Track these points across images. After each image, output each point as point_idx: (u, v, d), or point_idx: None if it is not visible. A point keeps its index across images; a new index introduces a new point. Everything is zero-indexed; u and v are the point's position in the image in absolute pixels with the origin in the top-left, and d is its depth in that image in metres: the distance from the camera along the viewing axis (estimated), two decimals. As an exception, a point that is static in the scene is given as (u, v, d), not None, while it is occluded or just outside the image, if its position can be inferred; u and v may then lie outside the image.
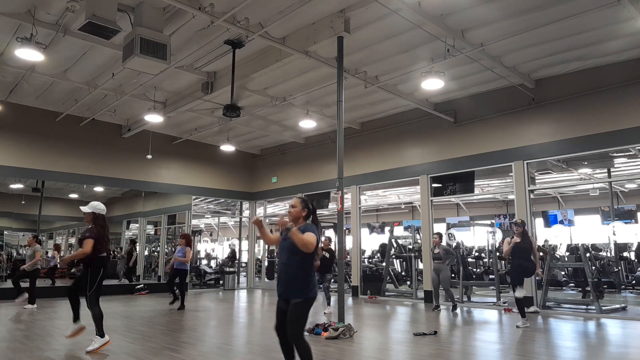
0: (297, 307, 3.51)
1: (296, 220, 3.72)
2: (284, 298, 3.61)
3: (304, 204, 3.76)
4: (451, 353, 5.39)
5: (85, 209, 5.55)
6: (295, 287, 3.54)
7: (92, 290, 5.36)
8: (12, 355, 5.04)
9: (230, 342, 6.13)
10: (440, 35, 7.60)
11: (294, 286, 3.55)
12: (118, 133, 13.23)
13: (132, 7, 7.01)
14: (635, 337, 6.48)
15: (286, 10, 7.06)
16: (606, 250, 13.50)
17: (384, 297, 11.79)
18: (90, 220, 5.55)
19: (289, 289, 3.56)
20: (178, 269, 9.51)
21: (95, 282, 5.38)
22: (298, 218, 3.72)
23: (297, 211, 3.72)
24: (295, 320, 3.51)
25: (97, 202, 5.63)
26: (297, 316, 3.51)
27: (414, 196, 15.16)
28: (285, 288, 3.58)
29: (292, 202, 3.80)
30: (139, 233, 16.18)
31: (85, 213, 5.56)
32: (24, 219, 15.03)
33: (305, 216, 3.74)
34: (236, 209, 17.25)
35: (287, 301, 3.58)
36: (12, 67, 9.11)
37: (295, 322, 3.51)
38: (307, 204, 3.78)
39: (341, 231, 7.36)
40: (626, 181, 15.48)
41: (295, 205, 3.74)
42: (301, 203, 3.75)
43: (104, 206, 5.64)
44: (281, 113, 11.88)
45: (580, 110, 8.95)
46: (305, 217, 3.74)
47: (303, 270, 3.58)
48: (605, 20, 7.12)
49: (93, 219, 5.53)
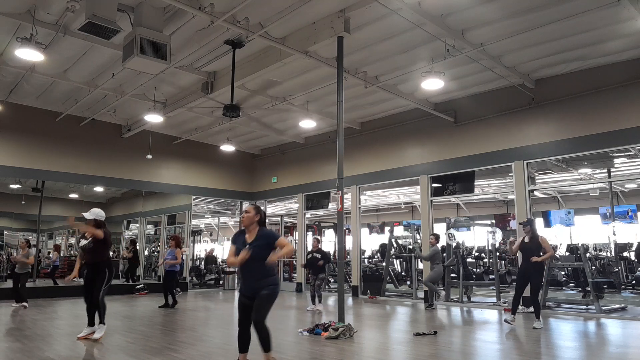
0: (268, 297, 3.91)
1: (250, 224, 4.05)
2: (249, 295, 3.94)
3: (257, 210, 4.10)
4: (451, 353, 5.39)
5: (88, 215, 5.93)
6: (265, 283, 3.93)
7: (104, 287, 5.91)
8: (12, 355, 5.04)
9: (230, 342, 6.13)
10: (440, 35, 7.60)
11: (264, 283, 3.92)
12: (118, 133, 13.23)
13: (132, 7, 7.02)
14: (635, 337, 6.48)
15: (286, 10, 7.07)
16: (606, 250, 13.50)
17: (384, 297, 11.79)
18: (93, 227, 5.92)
19: (260, 285, 3.91)
20: (168, 270, 9.73)
21: (108, 283, 5.97)
22: (252, 222, 4.05)
23: (251, 216, 4.05)
24: (264, 307, 3.89)
25: (99, 210, 6.01)
26: (266, 304, 3.91)
27: (414, 196, 15.14)
28: (255, 289, 3.92)
29: (245, 208, 4.16)
30: (139, 233, 16.19)
31: (87, 220, 5.92)
32: (24, 219, 15.03)
33: (258, 221, 4.08)
34: (236, 209, 17.25)
35: (251, 298, 3.93)
36: (12, 67, 9.11)
37: (263, 308, 3.89)
38: (260, 210, 4.12)
39: (341, 231, 7.36)
40: (626, 181, 15.48)
41: (248, 211, 4.08)
42: (254, 209, 4.10)
43: (103, 213, 6.07)
44: (281, 113, 11.88)
45: (580, 110, 8.95)
46: (258, 222, 4.08)
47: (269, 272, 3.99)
48: (605, 20, 7.12)
49: (96, 225, 5.91)
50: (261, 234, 4.02)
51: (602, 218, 16.00)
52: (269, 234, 4.06)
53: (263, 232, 4.04)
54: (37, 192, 13.80)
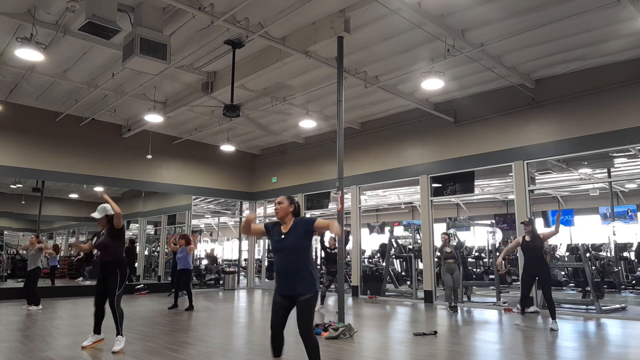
0: (308, 302, 3.54)
1: (284, 215, 3.73)
2: (288, 295, 3.59)
3: (290, 200, 3.79)
4: (451, 353, 5.38)
5: (96, 215, 5.54)
6: (304, 284, 3.55)
7: (120, 290, 5.41)
8: (12, 355, 5.04)
9: (230, 342, 6.13)
10: (440, 35, 7.60)
11: (303, 283, 3.55)
12: (118, 133, 13.23)
13: (132, 7, 7.01)
14: (635, 337, 6.48)
15: (286, 10, 7.06)
16: (606, 250, 13.51)
17: (384, 297, 11.79)
18: (105, 224, 5.56)
19: (299, 286, 3.55)
20: (181, 269, 9.51)
21: (124, 281, 5.46)
22: (287, 213, 3.73)
23: (285, 207, 3.73)
24: (308, 315, 3.54)
25: (106, 205, 5.57)
26: (308, 311, 3.55)
27: (414, 196, 15.16)
28: (293, 286, 3.57)
29: (278, 199, 3.79)
30: (139, 233, 16.19)
31: (99, 218, 5.53)
32: (24, 219, 15.03)
33: (293, 212, 3.76)
34: (236, 209, 17.25)
35: (290, 298, 3.58)
36: (12, 67, 9.11)
37: (308, 317, 3.54)
38: (293, 201, 3.81)
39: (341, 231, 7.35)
40: (626, 181, 15.49)
41: (282, 202, 3.75)
42: (287, 199, 3.77)
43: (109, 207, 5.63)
44: (281, 113, 11.87)
45: (580, 110, 8.95)
46: (293, 213, 3.75)
47: (310, 266, 3.62)
48: (605, 20, 7.12)
49: (107, 220, 5.54)
50: (297, 222, 3.70)
51: (602, 218, 16.01)
52: (305, 219, 3.75)
53: (300, 219, 3.74)
54: (37, 192, 13.80)
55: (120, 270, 5.42)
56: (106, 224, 5.56)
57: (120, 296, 5.42)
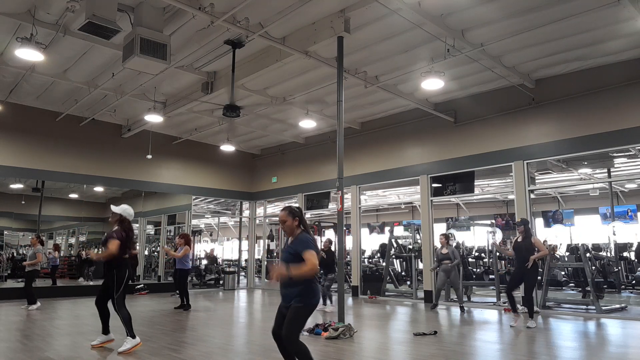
0: (297, 310, 3.48)
1: (291, 233, 3.66)
2: (285, 303, 3.58)
3: (292, 214, 3.67)
4: (451, 353, 5.38)
5: (116, 209, 5.52)
6: (297, 293, 3.50)
7: (119, 292, 5.36)
8: (12, 355, 5.04)
9: (230, 342, 6.13)
10: (440, 35, 7.60)
11: (296, 291, 3.50)
12: (118, 133, 13.23)
13: (132, 7, 7.02)
14: (635, 337, 6.48)
15: (286, 10, 7.06)
16: (606, 250, 13.50)
17: (384, 297, 11.78)
18: (115, 222, 5.53)
19: (292, 293, 3.52)
20: (178, 268, 9.58)
21: (122, 283, 5.39)
22: (293, 230, 3.65)
23: (289, 225, 3.64)
24: (292, 322, 3.47)
25: (128, 206, 5.58)
26: (294, 319, 3.48)
27: (414, 196, 15.15)
28: (287, 292, 3.55)
29: (280, 217, 3.70)
30: (139, 233, 16.19)
31: (113, 212, 5.51)
32: (24, 219, 15.04)
33: (298, 224, 3.66)
34: (236, 209, 17.25)
35: (287, 307, 3.56)
36: (12, 67, 9.11)
37: (291, 323, 3.47)
38: (294, 212, 3.69)
39: (341, 231, 7.36)
40: (626, 181, 15.49)
41: (285, 220, 3.65)
42: (289, 215, 3.66)
43: (132, 211, 5.62)
44: (281, 113, 11.88)
45: (580, 110, 8.95)
46: (298, 226, 3.66)
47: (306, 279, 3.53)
48: (605, 20, 7.12)
49: (119, 220, 5.50)
50: (296, 239, 3.62)
51: (602, 218, 16.00)
52: (301, 240, 3.59)
53: (298, 237, 3.62)
54: (37, 192, 13.80)
55: (116, 271, 5.36)
56: (116, 223, 5.52)
57: (121, 298, 5.37)
